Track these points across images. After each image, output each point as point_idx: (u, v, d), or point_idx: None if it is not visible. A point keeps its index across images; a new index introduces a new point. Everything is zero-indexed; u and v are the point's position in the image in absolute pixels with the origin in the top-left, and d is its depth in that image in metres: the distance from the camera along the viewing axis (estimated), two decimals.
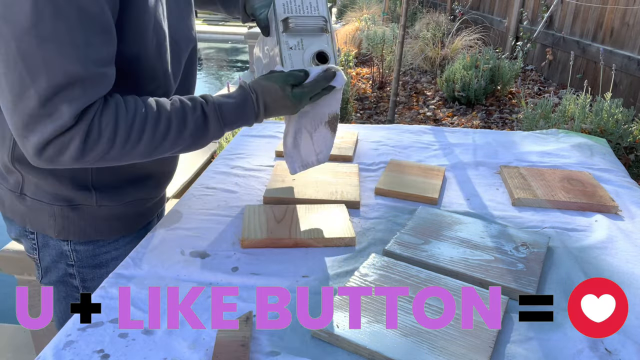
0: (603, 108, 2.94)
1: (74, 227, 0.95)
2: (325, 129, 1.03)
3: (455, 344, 0.69)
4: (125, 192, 0.97)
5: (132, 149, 0.79)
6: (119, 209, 0.97)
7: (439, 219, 1.04)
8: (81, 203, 0.93)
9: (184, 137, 0.84)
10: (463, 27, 6.24)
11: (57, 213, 0.93)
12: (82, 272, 0.99)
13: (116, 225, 0.99)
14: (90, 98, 0.73)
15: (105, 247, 0.99)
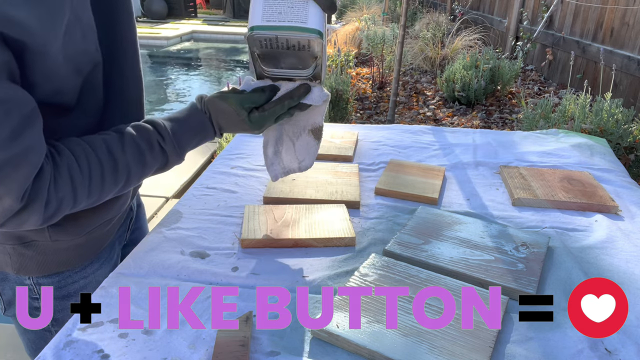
0: (603, 108, 2.95)
1: (32, 263, 0.87)
2: (309, 137, 0.96)
3: (455, 344, 0.69)
4: (84, 223, 0.87)
5: (97, 198, 0.75)
6: (78, 239, 0.89)
7: (439, 219, 1.04)
8: (33, 239, 0.85)
9: (145, 174, 0.80)
10: (463, 27, 6.24)
11: (10, 251, 0.86)
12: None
13: (79, 254, 0.91)
14: (27, 174, 0.65)
15: (71, 277, 0.92)
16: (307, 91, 0.86)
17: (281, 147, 0.96)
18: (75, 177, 0.71)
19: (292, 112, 0.87)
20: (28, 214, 0.67)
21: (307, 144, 0.96)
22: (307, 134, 0.95)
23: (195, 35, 9.97)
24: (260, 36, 0.75)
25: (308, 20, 0.74)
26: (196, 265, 0.88)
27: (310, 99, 0.86)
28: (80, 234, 0.88)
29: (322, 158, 1.38)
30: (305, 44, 0.76)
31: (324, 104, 0.90)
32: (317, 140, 0.97)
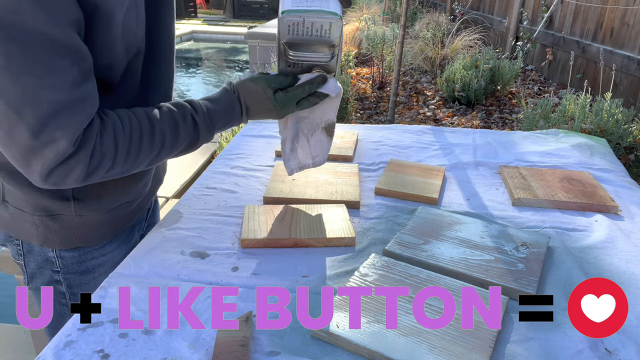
0: (603, 108, 2.95)
1: (56, 236, 0.93)
2: (322, 134, 1.04)
3: (455, 344, 0.69)
4: (107, 201, 0.95)
5: (132, 164, 0.80)
6: (101, 216, 0.95)
7: (439, 219, 1.04)
8: (60, 213, 0.91)
9: (177, 146, 0.86)
10: (463, 27, 6.24)
11: (37, 222, 0.92)
12: (69, 279, 0.98)
13: (100, 232, 0.97)
14: (82, 120, 0.72)
15: (91, 254, 0.98)
16: (324, 81, 0.94)
17: (297, 145, 1.04)
18: (118, 134, 0.77)
19: (311, 101, 0.95)
20: (75, 161, 0.73)
21: (320, 141, 1.05)
22: (321, 132, 1.04)
23: (195, 36, 9.97)
24: (290, 20, 0.86)
25: (330, 6, 0.87)
26: (196, 265, 0.88)
27: (327, 88, 0.95)
28: (102, 211, 0.94)
29: None
30: (327, 27, 0.87)
31: (337, 98, 0.99)
32: (330, 137, 1.05)
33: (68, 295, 0.99)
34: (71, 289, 0.99)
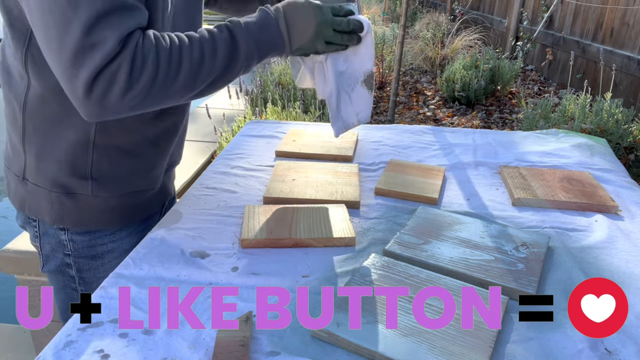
0: (603, 108, 2.95)
1: (70, 216, 0.96)
2: (362, 88, 1.02)
3: (455, 344, 0.69)
4: (123, 184, 0.98)
5: (173, 78, 0.79)
6: (115, 200, 0.98)
7: (439, 219, 1.04)
8: (77, 192, 0.94)
9: (217, 61, 0.83)
10: (463, 27, 6.24)
11: (54, 199, 0.94)
12: (78, 263, 1.00)
13: (113, 217, 0.99)
14: (130, 25, 0.75)
15: (102, 239, 1.00)
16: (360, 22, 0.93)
17: (340, 102, 1.02)
18: (159, 42, 0.78)
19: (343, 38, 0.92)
20: (119, 63, 0.73)
21: (361, 95, 1.03)
22: (361, 85, 1.02)
23: None
24: None
25: None
26: (196, 265, 0.88)
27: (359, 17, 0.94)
28: (116, 194, 0.97)
29: (322, 158, 1.38)
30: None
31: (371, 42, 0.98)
32: (370, 90, 1.04)
33: (77, 279, 1.01)
34: (80, 273, 1.01)
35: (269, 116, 3.32)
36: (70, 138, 0.91)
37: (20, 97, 0.90)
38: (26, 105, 0.90)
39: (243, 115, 3.53)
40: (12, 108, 0.93)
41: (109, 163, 0.95)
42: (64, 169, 0.93)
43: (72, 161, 0.93)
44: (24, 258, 1.69)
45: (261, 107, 3.57)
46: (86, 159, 0.93)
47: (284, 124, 1.68)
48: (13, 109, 0.92)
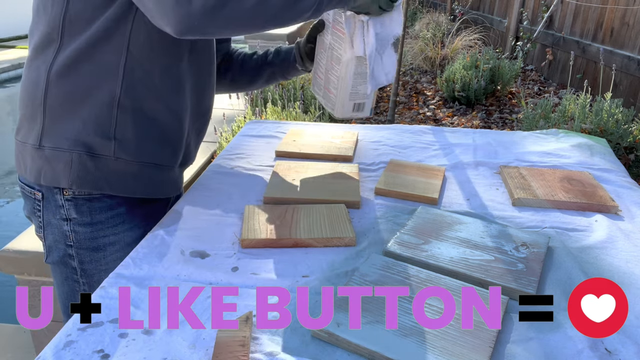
0: (603, 108, 2.95)
1: (88, 177, 0.96)
2: (391, 50, 1.13)
3: (455, 344, 0.69)
4: (144, 149, 0.99)
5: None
6: (134, 166, 0.99)
7: (439, 219, 1.04)
8: (99, 153, 0.96)
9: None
10: (463, 27, 6.24)
11: (74, 160, 0.95)
12: (80, 254, 1.01)
13: (129, 184, 1.00)
14: None
15: (103, 231, 1.01)
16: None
17: (372, 63, 1.12)
18: None
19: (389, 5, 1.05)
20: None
21: (390, 56, 1.13)
22: (390, 48, 1.12)
23: None
24: None
25: None
26: (196, 265, 0.88)
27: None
28: (138, 160, 0.99)
29: (322, 158, 1.38)
30: None
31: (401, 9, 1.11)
32: (396, 52, 1.15)
33: (79, 271, 1.02)
34: (82, 265, 1.02)
35: (269, 116, 3.32)
36: (96, 97, 0.93)
37: (49, 58, 0.93)
38: (52, 67, 0.93)
39: (243, 115, 3.53)
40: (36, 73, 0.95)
41: (133, 125, 0.96)
42: (88, 128, 0.94)
43: (96, 120, 0.94)
44: (24, 258, 1.69)
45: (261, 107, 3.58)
46: (110, 119, 0.95)
47: (284, 124, 1.68)
48: (38, 74, 0.94)
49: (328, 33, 1.18)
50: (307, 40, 1.24)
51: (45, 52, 0.94)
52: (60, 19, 0.91)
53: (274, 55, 1.29)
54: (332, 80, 1.19)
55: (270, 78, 1.31)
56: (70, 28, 0.91)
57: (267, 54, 1.30)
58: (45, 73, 0.94)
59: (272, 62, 1.29)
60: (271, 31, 5.80)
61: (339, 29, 1.14)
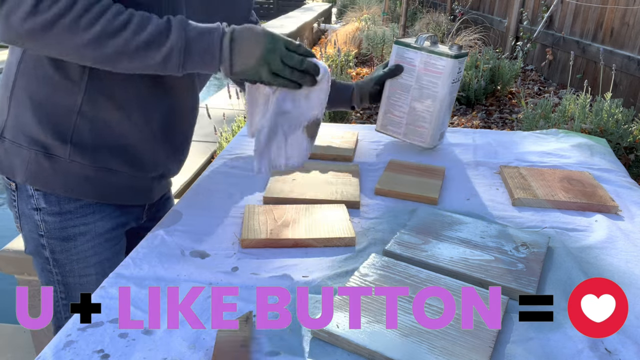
0: (603, 108, 2.95)
1: (42, 176, 0.96)
2: (302, 134, 0.97)
3: (455, 344, 0.69)
4: (100, 156, 0.98)
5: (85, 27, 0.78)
6: (90, 170, 0.98)
7: (439, 219, 1.04)
8: (54, 153, 0.95)
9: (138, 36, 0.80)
10: (463, 27, 6.24)
11: (31, 158, 0.95)
12: (51, 244, 1.01)
13: (84, 187, 0.99)
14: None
15: (72, 221, 1.01)
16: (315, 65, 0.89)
17: (273, 139, 0.95)
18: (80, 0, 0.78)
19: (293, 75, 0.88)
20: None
21: (299, 141, 0.97)
22: (302, 131, 0.96)
23: None
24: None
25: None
26: (196, 265, 0.88)
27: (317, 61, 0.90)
28: (94, 163, 0.97)
29: (322, 158, 1.38)
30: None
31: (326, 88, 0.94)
32: (311, 139, 0.98)
33: (52, 261, 1.02)
34: (54, 255, 1.02)
35: None
36: (58, 101, 0.93)
37: (19, 55, 0.94)
38: (21, 64, 0.93)
39: (243, 116, 3.53)
40: (9, 68, 0.96)
41: (90, 132, 0.96)
42: (46, 129, 0.94)
43: (55, 123, 0.94)
44: (24, 258, 1.69)
45: None
46: (69, 124, 0.94)
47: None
48: (9, 68, 0.95)
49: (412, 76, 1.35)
50: (376, 82, 1.37)
51: (19, 49, 0.94)
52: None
53: None
54: (423, 117, 1.37)
55: None
56: None
57: None
58: (15, 67, 0.94)
59: None
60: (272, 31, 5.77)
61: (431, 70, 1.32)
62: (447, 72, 1.31)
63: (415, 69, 1.34)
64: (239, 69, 0.86)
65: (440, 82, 1.32)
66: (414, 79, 1.35)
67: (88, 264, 1.04)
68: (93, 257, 1.04)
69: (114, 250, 1.08)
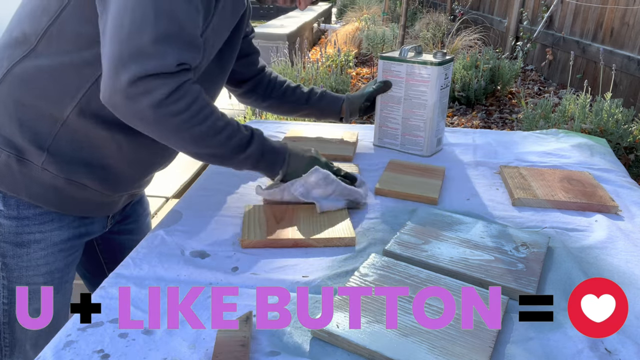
0: (603, 108, 2.95)
1: (9, 178, 0.94)
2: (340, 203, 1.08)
3: (455, 344, 0.69)
4: (74, 169, 0.96)
5: (192, 126, 0.88)
6: (59, 181, 0.96)
7: (439, 219, 1.04)
8: (28, 159, 0.94)
9: (228, 142, 0.94)
10: (463, 27, 6.24)
11: (1, 159, 0.94)
12: (3, 247, 0.98)
13: (49, 197, 0.97)
14: (191, 57, 0.86)
15: (29, 227, 0.98)
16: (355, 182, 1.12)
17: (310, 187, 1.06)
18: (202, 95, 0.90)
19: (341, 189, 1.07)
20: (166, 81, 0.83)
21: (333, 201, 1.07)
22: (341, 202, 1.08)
23: None
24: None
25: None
26: (196, 265, 0.88)
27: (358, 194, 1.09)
28: (63, 176, 0.96)
29: None
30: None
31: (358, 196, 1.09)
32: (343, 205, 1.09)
33: (0, 264, 0.99)
34: (4, 259, 0.99)
35: (269, 116, 3.32)
36: (45, 109, 0.92)
37: (14, 56, 0.92)
38: (15, 66, 0.92)
39: (243, 115, 3.53)
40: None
41: (69, 144, 0.95)
42: (25, 134, 0.93)
43: (35, 130, 0.93)
44: None
45: None
46: (50, 133, 0.93)
47: (284, 124, 1.68)
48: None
49: (400, 87, 1.39)
50: (367, 99, 1.41)
51: (14, 49, 0.92)
52: (43, 29, 0.89)
53: (318, 99, 1.39)
54: (417, 125, 1.40)
55: (305, 115, 1.43)
56: (48, 41, 0.90)
57: (310, 95, 1.40)
58: (5, 69, 0.92)
59: (314, 104, 1.39)
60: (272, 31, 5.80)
61: (418, 79, 1.36)
62: (433, 79, 1.34)
63: (403, 80, 1.38)
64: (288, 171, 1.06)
65: (429, 90, 1.35)
66: (402, 90, 1.39)
67: (38, 272, 1.01)
68: (44, 266, 1.01)
69: (66, 262, 1.05)
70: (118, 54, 0.80)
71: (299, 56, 4.50)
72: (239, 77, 1.34)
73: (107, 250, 1.22)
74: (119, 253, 1.17)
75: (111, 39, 0.81)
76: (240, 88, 1.38)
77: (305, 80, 3.98)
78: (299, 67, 4.25)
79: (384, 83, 1.40)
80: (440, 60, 1.34)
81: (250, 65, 1.35)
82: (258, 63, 1.37)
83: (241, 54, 1.27)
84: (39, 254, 1.00)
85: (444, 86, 1.38)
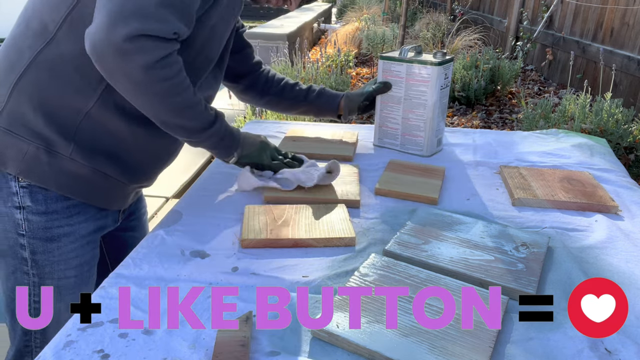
0: (603, 108, 2.95)
1: (38, 170, 0.95)
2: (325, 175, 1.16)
3: (455, 344, 0.69)
4: (98, 159, 0.99)
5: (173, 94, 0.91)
6: (86, 170, 0.98)
7: (439, 219, 1.04)
8: (57, 150, 0.95)
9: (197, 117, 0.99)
10: (463, 27, 6.24)
11: (30, 151, 0.94)
12: (33, 244, 0.98)
13: (76, 187, 0.98)
14: (184, 30, 0.88)
15: (59, 221, 0.99)
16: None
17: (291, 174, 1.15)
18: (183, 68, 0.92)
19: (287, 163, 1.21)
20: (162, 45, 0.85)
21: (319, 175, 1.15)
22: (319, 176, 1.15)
23: None
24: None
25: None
26: (196, 265, 0.88)
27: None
28: (91, 165, 0.98)
29: (322, 158, 1.38)
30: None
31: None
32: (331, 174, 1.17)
33: (30, 262, 1.00)
34: (34, 256, 0.99)
35: (269, 116, 3.33)
36: (68, 100, 0.94)
37: (36, 46, 0.93)
38: (38, 55, 0.93)
39: (243, 115, 3.53)
40: (19, 53, 0.95)
41: (91, 134, 0.97)
42: (51, 125, 0.94)
43: (61, 120, 0.94)
44: None
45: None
46: (74, 123, 0.95)
47: (284, 124, 1.68)
48: (20, 54, 0.94)
49: (400, 87, 1.39)
50: (366, 98, 1.41)
51: (34, 39, 0.93)
52: (62, 17, 0.91)
53: (316, 96, 1.41)
54: (417, 125, 1.40)
55: (303, 112, 1.44)
56: (69, 28, 0.91)
57: (309, 91, 1.42)
58: (28, 60, 0.93)
59: (312, 102, 1.41)
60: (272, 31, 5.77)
61: (418, 79, 1.36)
62: (433, 79, 1.34)
63: (403, 80, 1.38)
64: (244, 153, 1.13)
65: (429, 90, 1.35)
66: (402, 90, 1.39)
67: (69, 266, 1.02)
68: (74, 259, 1.03)
69: (92, 254, 1.07)
70: (119, 7, 0.80)
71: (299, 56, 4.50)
72: (236, 72, 1.36)
73: (112, 248, 1.23)
74: (122, 251, 1.18)
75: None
76: (238, 84, 1.39)
77: (305, 80, 3.98)
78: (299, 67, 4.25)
79: (383, 84, 1.41)
80: (440, 60, 1.34)
81: (245, 59, 1.36)
82: (253, 57, 1.39)
83: (235, 49, 1.29)
84: (69, 247, 1.01)
85: (444, 86, 1.38)
